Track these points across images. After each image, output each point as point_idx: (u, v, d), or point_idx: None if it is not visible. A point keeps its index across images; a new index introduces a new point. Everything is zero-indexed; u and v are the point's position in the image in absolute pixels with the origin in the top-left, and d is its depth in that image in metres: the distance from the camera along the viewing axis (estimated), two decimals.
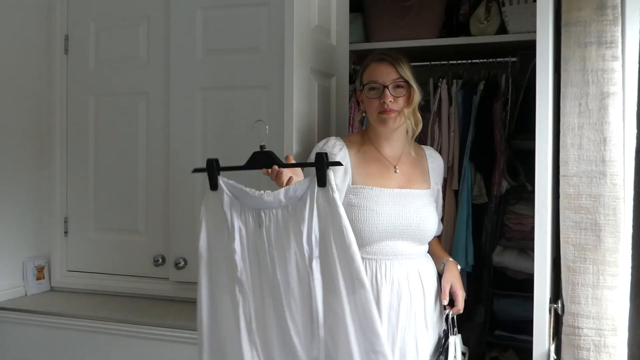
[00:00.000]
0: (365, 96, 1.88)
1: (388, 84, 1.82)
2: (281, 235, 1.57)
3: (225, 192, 1.61)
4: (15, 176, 2.71)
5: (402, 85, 1.84)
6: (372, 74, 1.86)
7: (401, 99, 1.84)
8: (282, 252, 1.56)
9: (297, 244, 1.54)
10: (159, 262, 2.68)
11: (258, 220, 1.59)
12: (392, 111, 1.82)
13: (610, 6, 1.62)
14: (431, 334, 1.87)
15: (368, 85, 1.86)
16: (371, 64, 1.88)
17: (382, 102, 1.82)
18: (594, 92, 1.63)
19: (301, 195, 1.56)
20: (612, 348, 1.62)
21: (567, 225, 1.67)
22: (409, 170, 1.92)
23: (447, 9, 2.85)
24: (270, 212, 1.58)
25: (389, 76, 1.83)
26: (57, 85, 2.84)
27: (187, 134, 2.60)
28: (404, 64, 1.85)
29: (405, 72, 1.84)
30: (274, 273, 1.57)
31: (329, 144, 1.88)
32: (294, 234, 1.55)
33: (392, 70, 1.83)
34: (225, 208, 1.60)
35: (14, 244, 2.72)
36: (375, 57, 1.89)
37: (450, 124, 2.66)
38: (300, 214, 1.54)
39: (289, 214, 1.56)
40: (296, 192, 1.57)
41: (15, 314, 2.56)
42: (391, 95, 1.82)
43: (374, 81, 1.85)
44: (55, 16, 2.83)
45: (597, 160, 1.63)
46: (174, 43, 2.61)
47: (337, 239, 1.52)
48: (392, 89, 1.82)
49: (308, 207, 1.54)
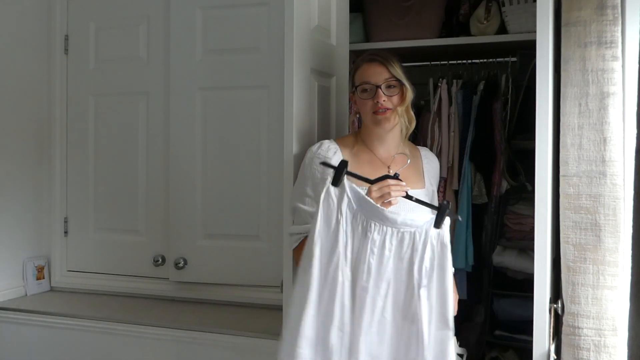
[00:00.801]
0: (359, 97, 1.87)
1: (380, 83, 1.82)
2: (389, 254, 1.65)
3: (347, 192, 1.65)
4: (16, 176, 2.71)
5: (394, 84, 1.83)
6: (364, 75, 1.86)
7: (394, 97, 1.83)
8: (386, 268, 1.65)
9: (409, 269, 1.64)
10: (159, 262, 2.68)
11: (366, 229, 1.65)
12: (387, 110, 1.82)
13: (610, 6, 1.62)
14: None
15: (360, 86, 1.86)
16: (362, 65, 1.88)
17: (376, 102, 1.82)
18: (594, 92, 1.63)
19: (416, 227, 1.65)
20: (612, 348, 1.62)
21: (567, 225, 1.67)
22: (402, 171, 1.91)
23: (447, 9, 2.85)
24: (381, 227, 1.65)
25: (381, 76, 1.83)
26: (57, 85, 2.84)
27: (187, 134, 2.60)
28: (395, 63, 1.85)
29: (397, 70, 1.84)
30: (371, 281, 1.64)
31: (323, 148, 1.87)
32: (408, 260, 1.64)
33: (384, 70, 1.83)
34: (343, 206, 1.65)
35: (14, 244, 2.72)
36: (365, 57, 1.89)
37: (450, 124, 2.66)
38: (415, 244, 1.64)
39: (400, 238, 1.65)
40: (413, 222, 1.65)
41: (15, 314, 2.56)
42: (384, 94, 1.82)
43: (366, 82, 1.84)
44: (55, 16, 2.83)
45: (597, 160, 1.63)
46: (174, 43, 2.61)
47: (440, 278, 1.64)
48: (385, 89, 1.82)
49: (422, 241, 1.64)
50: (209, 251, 2.58)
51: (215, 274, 2.58)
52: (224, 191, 2.56)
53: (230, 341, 2.24)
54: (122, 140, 2.77)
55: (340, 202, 1.65)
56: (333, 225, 1.64)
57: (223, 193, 2.57)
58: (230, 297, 2.57)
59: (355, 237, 1.65)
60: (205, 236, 2.60)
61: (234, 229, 2.56)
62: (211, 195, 2.58)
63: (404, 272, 1.65)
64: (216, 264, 2.57)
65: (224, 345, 2.25)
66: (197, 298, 2.62)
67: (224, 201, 2.56)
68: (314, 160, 1.87)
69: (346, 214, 1.65)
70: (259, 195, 2.50)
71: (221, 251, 2.57)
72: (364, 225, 1.65)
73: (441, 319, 1.63)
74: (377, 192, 1.67)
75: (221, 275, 2.58)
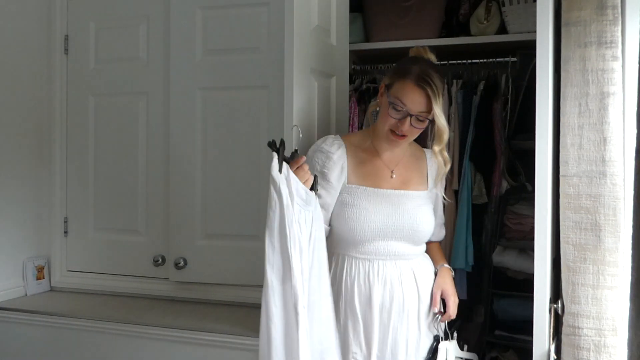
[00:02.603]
0: (386, 106, 1.78)
1: (414, 113, 1.75)
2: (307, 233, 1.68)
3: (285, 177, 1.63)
4: (16, 176, 2.71)
5: (425, 118, 1.76)
6: (404, 96, 1.74)
7: (418, 130, 1.79)
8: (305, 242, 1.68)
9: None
10: (159, 262, 2.68)
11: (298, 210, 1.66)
12: (404, 137, 1.80)
13: (610, 6, 1.62)
14: (425, 335, 1.87)
15: (394, 103, 1.76)
16: (409, 84, 1.74)
17: (399, 126, 1.77)
18: (594, 92, 1.63)
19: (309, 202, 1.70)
20: (612, 348, 1.62)
21: (567, 225, 1.67)
22: (405, 173, 1.91)
23: (447, 9, 2.86)
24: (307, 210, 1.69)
25: (420, 106, 1.74)
26: (57, 85, 2.84)
27: (187, 134, 2.60)
28: (439, 97, 1.73)
29: (437, 108, 1.73)
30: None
31: (327, 142, 1.87)
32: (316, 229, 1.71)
33: (426, 103, 1.73)
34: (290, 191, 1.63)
35: (14, 244, 2.72)
36: (415, 78, 1.74)
37: (450, 124, 2.66)
38: (314, 215, 1.70)
39: (307, 213, 1.68)
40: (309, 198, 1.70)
41: (15, 314, 2.56)
42: (411, 125, 1.76)
43: (402, 104, 1.75)
44: (55, 16, 2.83)
45: (597, 160, 1.63)
46: (174, 43, 2.61)
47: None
48: (415, 121, 1.76)
49: (313, 210, 1.70)
50: (209, 251, 2.58)
51: (215, 274, 2.58)
52: (224, 191, 2.56)
53: (230, 341, 2.24)
54: (122, 140, 2.76)
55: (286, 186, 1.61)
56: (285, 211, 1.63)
57: (223, 193, 2.56)
58: (230, 297, 2.57)
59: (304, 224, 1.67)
60: (205, 236, 2.60)
61: (234, 229, 2.56)
62: (211, 195, 2.58)
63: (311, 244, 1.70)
64: (216, 264, 2.57)
65: (224, 345, 2.25)
66: (197, 298, 2.62)
67: (224, 201, 2.56)
68: (317, 153, 1.87)
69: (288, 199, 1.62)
70: (259, 195, 2.49)
71: (221, 251, 2.57)
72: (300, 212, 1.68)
73: None
74: (304, 176, 1.68)
75: (221, 275, 2.58)
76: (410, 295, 1.82)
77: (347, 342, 1.81)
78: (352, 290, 1.81)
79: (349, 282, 1.82)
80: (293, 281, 1.58)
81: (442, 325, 1.90)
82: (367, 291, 1.80)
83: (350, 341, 1.81)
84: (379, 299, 1.79)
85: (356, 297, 1.81)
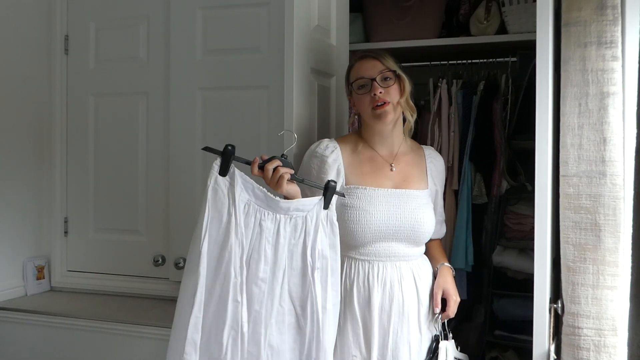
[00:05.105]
0: (356, 95, 1.87)
1: (375, 76, 1.82)
2: (284, 241, 1.67)
3: (238, 183, 1.64)
4: (15, 176, 2.71)
5: (389, 76, 1.83)
6: (358, 71, 1.86)
7: (392, 89, 1.82)
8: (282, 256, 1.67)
9: (303, 254, 1.69)
10: (159, 262, 2.68)
11: (260, 218, 1.65)
12: (386, 103, 1.81)
13: (610, 6, 1.62)
14: (425, 337, 1.85)
15: (356, 82, 1.86)
16: (355, 63, 1.89)
17: (373, 96, 1.81)
18: (594, 92, 1.63)
19: (307, 211, 1.69)
20: (612, 348, 1.62)
21: (567, 225, 1.67)
22: (405, 169, 1.90)
23: (447, 9, 2.86)
24: (274, 216, 1.67)
25: (375, 69, 1.83)
26: (57, 85, 2.84)
27: (187, 134, 2.60)
28: (387, 56, 1.86)
29: (390, 63, 1.84)
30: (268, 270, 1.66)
31: (322, 146, 1.87)
32: (302, 245, 1.68)
33: (377, 63, 1.84)
34: (236, 196, 1.63)
35: (14, 244, 2.72)
36: (357, 56, 1.91)
37: (450, 124, 2.66)
38: (307, 228, 1.69)
39: (293, 224, 1.68)
40: (304, 207, 1.69)
41: (15, 314, 2.56)
42: (380, 86, 1.81)
43: (361, 77, 1.84)
44: (55, 16, 2.83)
45: (597, 160, 1.63)
46: (174, 43, 2.61)
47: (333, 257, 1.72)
48: (381, 81, 1.82)
49: (314, 224, 1.69)
50: None
51: None
52: None
53: None
54: (122, 140, 2.76)
55: (232, 192, 1.62)
56: (225, 218, 1.62)
57: None
58: None
59: (249, 228, 1.64)
60: None
61: None
62: None
63: (299, 258, 1.68)
64: None
65: None
66: None
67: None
68: (312, 158, 1.87)
69: (239, 205, 1.63)
70: None
71: None
72: (256, 216, 1.65)
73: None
74: (272, 179, 1.68)
75: None
76: (410, 297, 1.81)
77: (347, 344, 1.80)
78: (351, 292, 1.80)
79: (348, 283, 1.81)
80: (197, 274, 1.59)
81: (439, 324, 1.90)
82: (367, 293, 1.79)
83: (350, 343, 1.80)
84: (378, 301, 1.78)
85: (355, 299, 1.79)
